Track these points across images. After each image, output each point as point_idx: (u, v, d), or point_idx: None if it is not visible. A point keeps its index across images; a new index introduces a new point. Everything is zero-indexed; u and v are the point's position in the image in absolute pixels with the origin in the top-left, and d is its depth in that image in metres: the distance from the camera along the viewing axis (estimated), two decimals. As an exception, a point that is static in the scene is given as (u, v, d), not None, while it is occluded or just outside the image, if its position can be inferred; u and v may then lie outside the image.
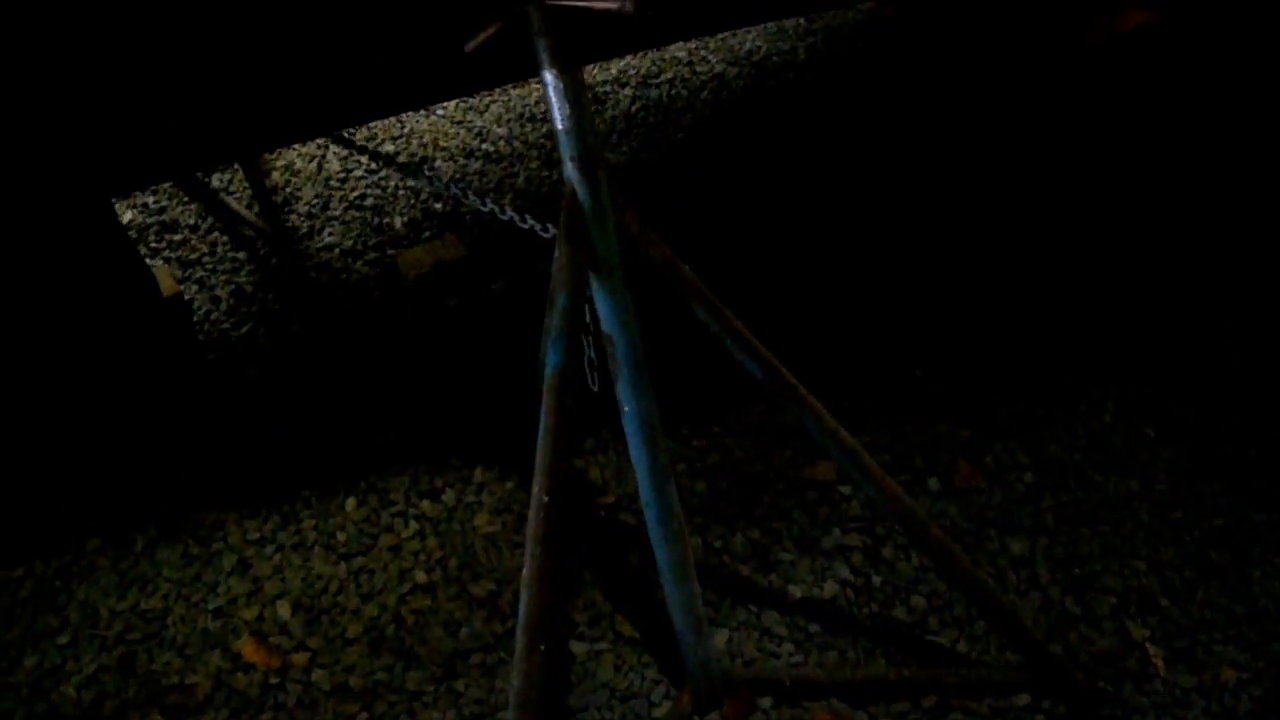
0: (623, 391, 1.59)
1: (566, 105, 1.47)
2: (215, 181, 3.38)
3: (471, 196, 1.87)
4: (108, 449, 2.15)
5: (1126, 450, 2.33)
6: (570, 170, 1.50)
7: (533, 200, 3.20)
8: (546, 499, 1.44)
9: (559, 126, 1.49)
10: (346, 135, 3.21)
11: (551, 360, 1.49)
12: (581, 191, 1.50)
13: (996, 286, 2.79)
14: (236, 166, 3.45)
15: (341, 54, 1.91)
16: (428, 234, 3.07)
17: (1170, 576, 2.07)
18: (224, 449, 2.34)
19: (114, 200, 2.35)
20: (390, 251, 3.00)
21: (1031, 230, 2.98)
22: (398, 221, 3.14)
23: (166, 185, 3.31)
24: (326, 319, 2.76)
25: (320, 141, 3.60)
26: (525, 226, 1.79)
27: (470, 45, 1.54)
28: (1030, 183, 3.18)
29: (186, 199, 3.25)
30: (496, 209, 1.85)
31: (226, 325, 2.76)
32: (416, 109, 3.61)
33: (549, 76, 1.47)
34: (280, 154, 3.50)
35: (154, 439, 2.20)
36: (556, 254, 1.52)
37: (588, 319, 1.62)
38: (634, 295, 1.57)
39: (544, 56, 1.47)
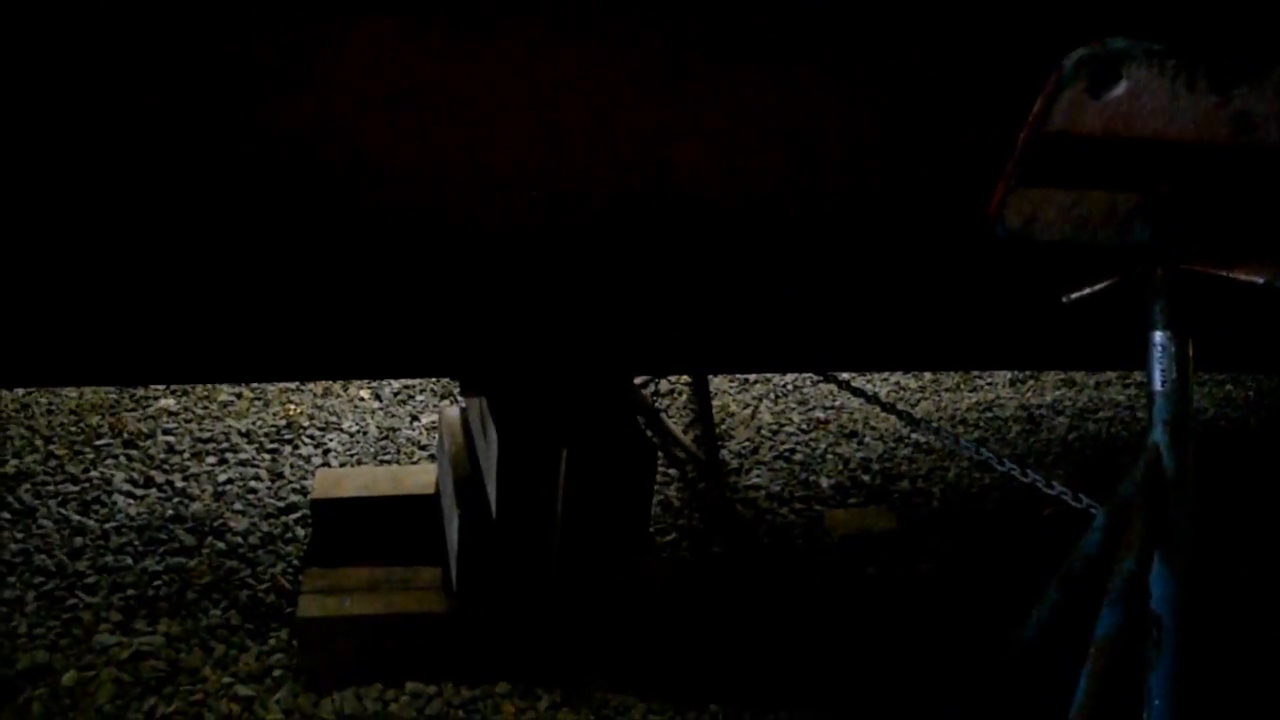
0: (1156, 683, 1.45)
1: (1174, 368, 1.44)
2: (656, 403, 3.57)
3: (1008, 463, 1.85)
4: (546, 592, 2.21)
5: None
6: (1159, 434, 1.44)
7: (962, 495, 3.13)
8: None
9: (1157, 387, 1.45)
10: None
11: (1107, 624, 1.39)
12: (1168, 457, 1.44)
13: None
14: (676, 394, 3.64)
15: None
16: (853, 500, 3.06)
17: None
18: (637, 634, 2.32)
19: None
20: (817, 507, 3.00)
21: None
22: (824, 482, 3.16)
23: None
24: (748, 550, 2.76)
25: (757, 393, 3.75)
26: (1053, 493, 1.73)
27: (1071, 296, 1.56)
28: None
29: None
30: (1019, 471, 1.81)
31: (650, 530, 2.82)
32: (962, 370, 3.75)
33: (1159, 336, 1.45)
34: (717, 395, 3.66)
35: (585, 598, 2.24)
36: (1129, 516, 1.44)
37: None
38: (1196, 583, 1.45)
39: (1158, 317, 1.45)
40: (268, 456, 3.11)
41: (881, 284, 2.01)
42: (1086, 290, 1.54)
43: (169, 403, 3.42)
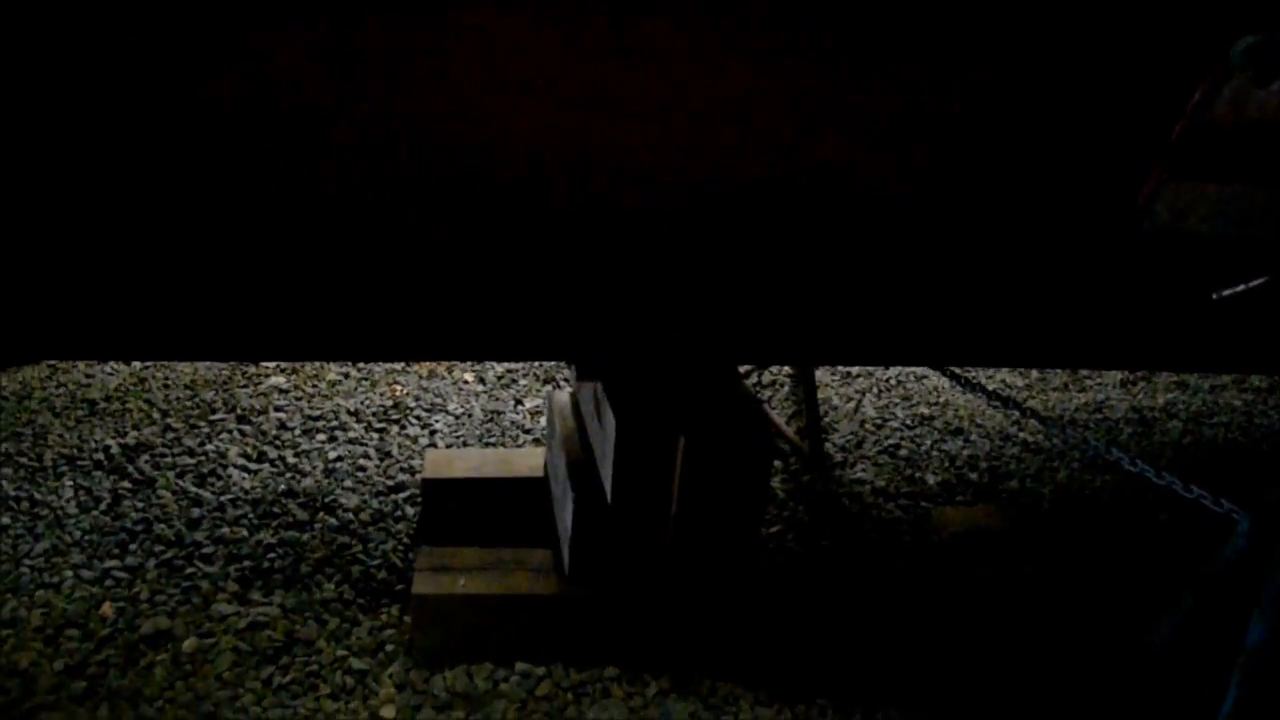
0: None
1: (1335, 370, 1.38)
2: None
3: (1140, 464, 1.80)
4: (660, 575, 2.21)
5: None
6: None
7: (1072, 497, 3.06)
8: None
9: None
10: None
11: (1257, 633, 1.34)
12: (1327, 463, 1.38)
13: None
14: (778, 386, 3.61)
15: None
16: (960, 498, 3.01)
17: None
18: (746, 625, 2.31)
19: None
20: (923, 504, 2.96)
21: None
22: (930, 478, 3.11)
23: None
24: (855, 545, 2.73)
25: (860, 386, 3.71)
26: (1191, 496, 1.68)
27: (1223, 293, 1.51)
28: None
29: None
30: (1153, 473, 1.76)
31: (755, 522, 2.81)
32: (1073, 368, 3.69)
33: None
34: (819, 388, 3.62)
35: (696, 585, 2.23)
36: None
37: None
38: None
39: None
40: (376, 436, 3.16)
41: (995, 279, 1.96)
42: (1240, 286, 1.49)
43: (279, 380, 3.49)
